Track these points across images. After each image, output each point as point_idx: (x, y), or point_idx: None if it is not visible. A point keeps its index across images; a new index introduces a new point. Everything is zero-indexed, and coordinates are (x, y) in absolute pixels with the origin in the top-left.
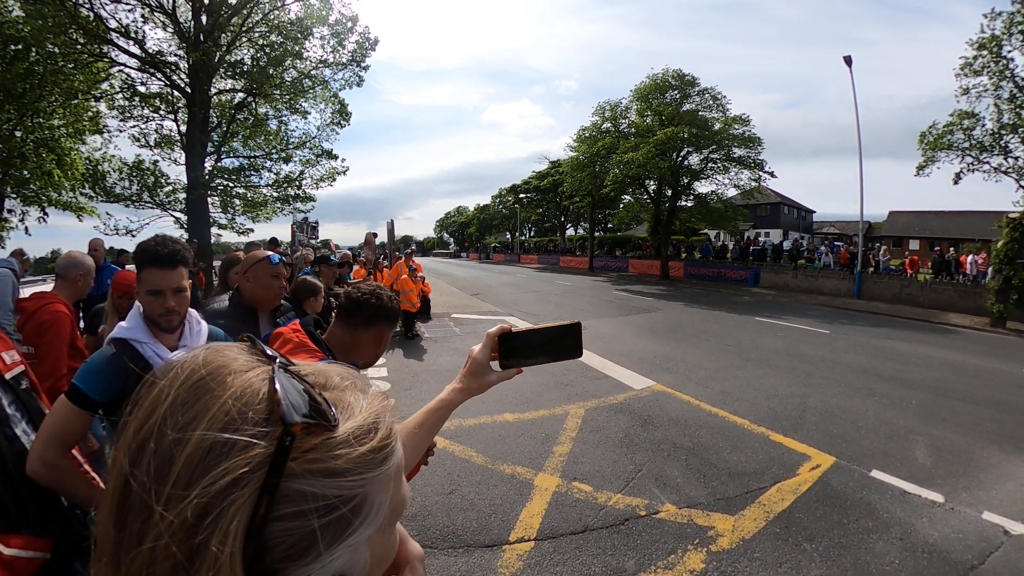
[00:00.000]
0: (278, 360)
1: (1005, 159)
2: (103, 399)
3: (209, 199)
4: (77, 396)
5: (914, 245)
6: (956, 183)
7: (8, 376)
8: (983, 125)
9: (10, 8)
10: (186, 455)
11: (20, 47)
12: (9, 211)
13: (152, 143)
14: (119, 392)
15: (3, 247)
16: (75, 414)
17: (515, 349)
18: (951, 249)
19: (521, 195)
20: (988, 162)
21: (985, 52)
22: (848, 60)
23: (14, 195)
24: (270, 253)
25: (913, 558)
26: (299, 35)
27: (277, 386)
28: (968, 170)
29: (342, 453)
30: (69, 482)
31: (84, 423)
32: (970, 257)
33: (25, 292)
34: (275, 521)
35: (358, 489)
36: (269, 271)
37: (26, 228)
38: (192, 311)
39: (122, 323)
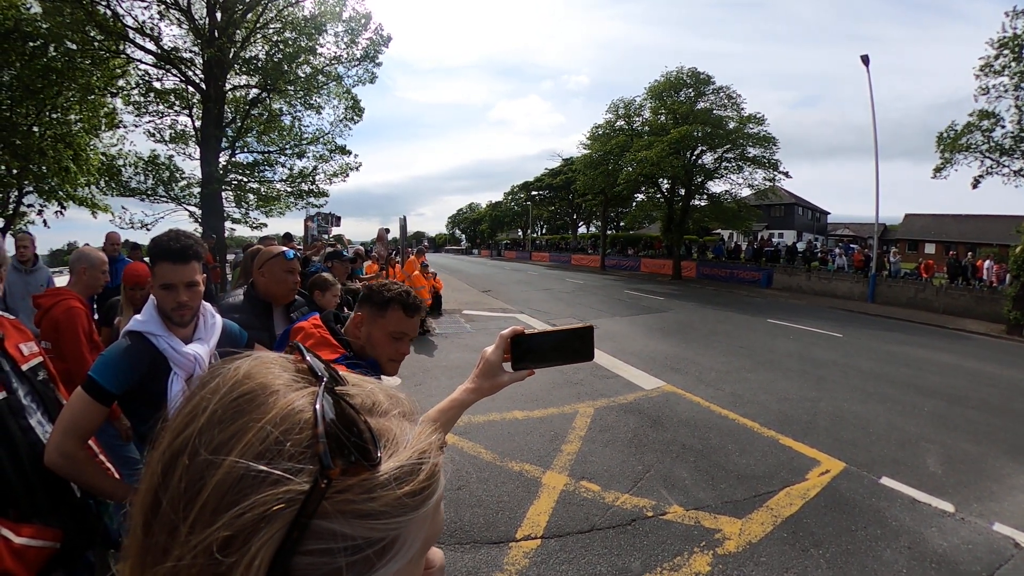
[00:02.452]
0: (325, 381)
1: None
2: (119, 391)
3: (223, 193)
4: (93, 388)
5: (930, 249)
6: (975, 187)
7: (25, 367)
8: (1003, 127)
9: (28, 6)
10: (216, 480)
11: (39, 44)
12: (28, 205)
13: (167, 138)
14: (135, 384)
15: None
16: (91, 406)
17: (527, 351)
18: (968, 253)
19: (533, 192)
20: (1008, 165)
21: (1007, 51)
22: (865, 59)
23: (31, 190)
24: (285, 248)
25: (921, 568)
26: (313, 31)
27: (318, 417)
28: (987, 173)
29: (379, 496)
30: (86, 473)
31: (100, 415)
32: (987, 262)
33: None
34: (301, 555)
35: (392, 532)
36: (284, 266)
37: (44, 221)
38: (207, 304)
39: (137, 316)
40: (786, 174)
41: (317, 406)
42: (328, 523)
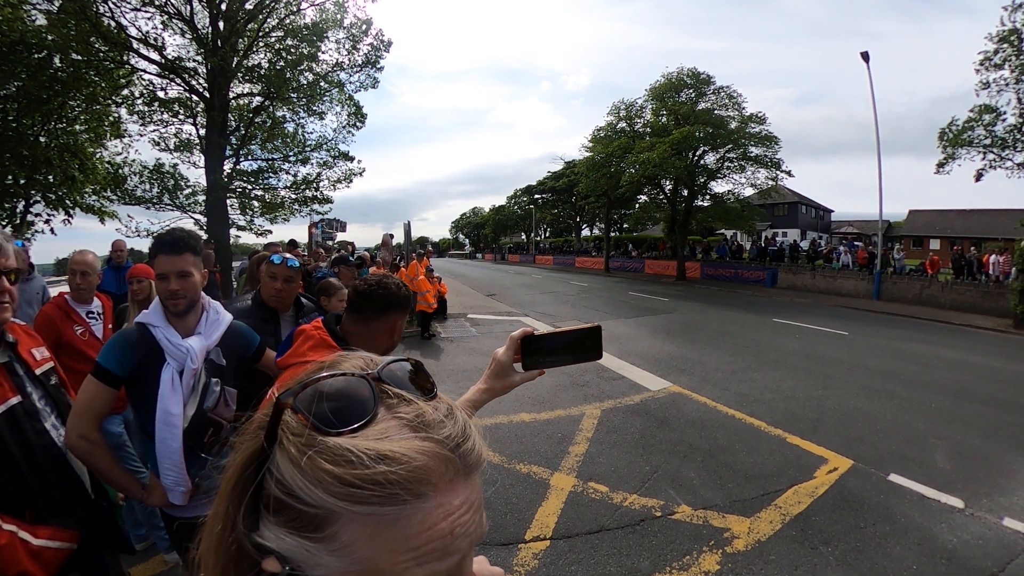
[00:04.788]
0: (373, 373)
1: None
2: (121, 372)
3: (228, 201)
4: (99, 372)
5: (935, 245)
6: (977, 180)
7: (38, 372)
8: (1004, 120)
9: (34, 17)
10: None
11: (44, 55)
12: (36, 215)
13: (172, 147)
14: (136, 367)
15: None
16: (99, 388)
17: (537, 351)
18: (972, 248)
19: (536, 196)
20: (1011, 159)
21: (1006, 45)
22: (865, 56)
23: (39, 199)
24: (274, 253)
25: (931, 564)
26: (314, 38)
27: (318, 376)
28: (990, 167)
29: (312, 458)
30: (99, 457)
31: (108, 396)
32: (992, 257)
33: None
34: (269, 474)
35: (314, 505)
36: (267, 270)
37: (51, 229)
38: (213, 302)
39: (146, 310)
40: (789, 173)
41: (327, 373)
42: (279, 452)
